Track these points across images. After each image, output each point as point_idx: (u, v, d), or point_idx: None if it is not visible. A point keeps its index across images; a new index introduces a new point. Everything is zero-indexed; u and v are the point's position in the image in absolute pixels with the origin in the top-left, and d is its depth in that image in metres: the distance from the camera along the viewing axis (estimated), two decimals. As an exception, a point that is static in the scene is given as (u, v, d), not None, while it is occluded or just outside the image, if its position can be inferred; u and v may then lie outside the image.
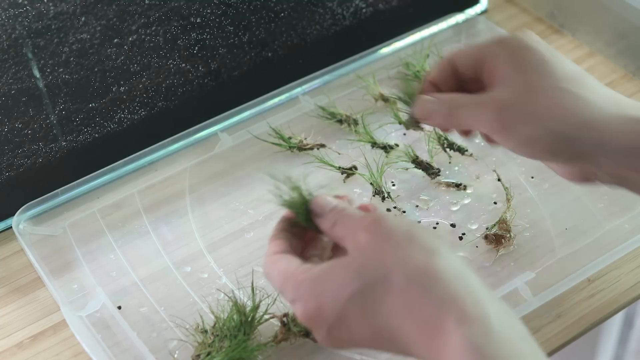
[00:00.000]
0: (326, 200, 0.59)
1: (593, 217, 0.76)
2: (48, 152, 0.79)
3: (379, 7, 0.92)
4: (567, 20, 0.96)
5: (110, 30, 0.77)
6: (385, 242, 0.53)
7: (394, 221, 0.55)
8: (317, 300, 0.54)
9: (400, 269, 0.52)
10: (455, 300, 0.50)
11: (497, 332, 0.49)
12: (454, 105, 0.63)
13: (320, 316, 0.54)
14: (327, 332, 0.55)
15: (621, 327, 1.15)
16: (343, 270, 0.54)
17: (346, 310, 0.53)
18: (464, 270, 0.52)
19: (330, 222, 0.58)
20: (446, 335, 0.49)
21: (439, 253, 0.52)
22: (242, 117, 0.86)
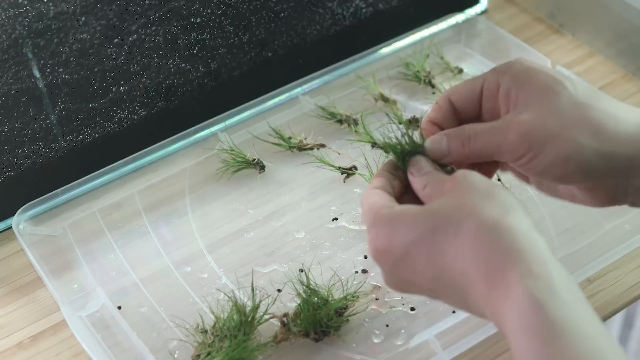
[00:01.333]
0: (422, 164, 0.60)
1: (593, 217, 0.76)
2: (48, 152, 0.79)
3: (379, 7, 0.92)
4: (567, 20, 0.96)
5: (110, 30, 0.77)
6: (465, 192, 0.55)
7: (479, 177, 0.56)
8: (388, 234, 0.55)
9: (475, 216, 0.53)
10: (522, 254, 0.51)
11: (558, 290, 0.50)
12: (470, 136, 0.61)
13: (388, 249, 0.55)
14: (391, 267, 0.56)
15: (621, 327, 1.15)
16: (420, 210, 0.55)
17: (414, 246, 0.54)
18: (534, 231, 0.53)
19: (422, 184, 0.59)
20: (509, 285, 0.50)
21: (514, 211, 0.53)
22: (242, 117, 0.86)
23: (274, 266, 0.74)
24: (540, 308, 0.49)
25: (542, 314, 0.49)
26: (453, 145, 0.61)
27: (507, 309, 0.50)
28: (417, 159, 0.61)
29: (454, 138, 0.61)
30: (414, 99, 0.88)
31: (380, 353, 0.67)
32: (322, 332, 0.67)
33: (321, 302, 0.68)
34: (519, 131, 0.58)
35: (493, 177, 0.79)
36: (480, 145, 0.60)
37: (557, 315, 0.49)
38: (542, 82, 0.60)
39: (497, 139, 0.59)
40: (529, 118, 0.59)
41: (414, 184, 0.60)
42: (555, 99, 0.59)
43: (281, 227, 0.77)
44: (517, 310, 0.49)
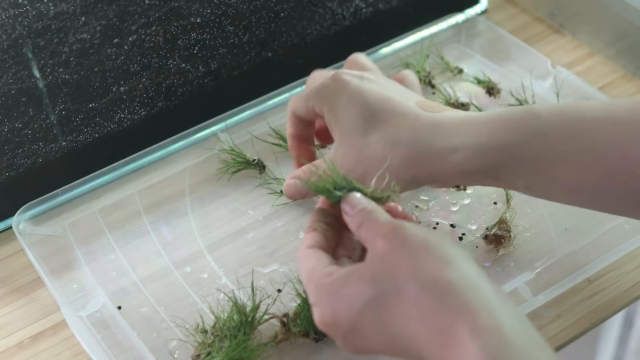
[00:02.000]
0: (356, 200, 0.59)
1: (593, 217, 0.76)
2: (48, 152, 0.79)
3: (379, 7, 0.92)
4: (567, 20, 0.96)
5: (110, 30, 0.77)
6: (400, 251, 0.53)
7: (412, 230, 0.55)
8: (332, 307, 0.54)
9: (414, 278, 0.52)
10: (469, 310, 0.50)
11: (512, 342, 0.49)
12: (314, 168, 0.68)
13: (335, 323, 0.55)
14: (343, 338, 0.55)
15: (621, 327, 1.15)
16: (358, 279, 0.54)
17: (360, 318, 0.53)
18: (479, 280, 0.52)
19: (357, 223, 0.58)
20: (461, 345, 0.49)
21: (454, 264, 0.52)
22: (242, 117, 0.86)
23: (274, 266, 0.74)
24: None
25: None
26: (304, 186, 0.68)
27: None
28: (349, 196, 0.60)
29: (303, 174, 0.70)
30: (414, 99, 0.88)
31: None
32: (322, 332, 0.67)
33: (321, 302, 0.68)
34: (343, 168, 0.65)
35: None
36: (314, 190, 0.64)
37: None
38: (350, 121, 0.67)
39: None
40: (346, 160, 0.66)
41: (350, 224, 0.59)
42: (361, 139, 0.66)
43: (281, 227, 0.77)
44: None
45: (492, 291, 0.52)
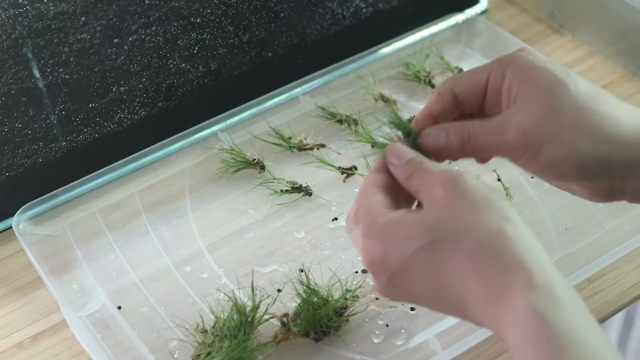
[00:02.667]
0: (403, 150, 0.58)
1: (593, 217, 0.76)
2: (48, 152, 0.79)
3: (379, 7, 0.92)
4: (567, 20, 0.96)
5: (110, 30, 0.77)
6: (461, 202, 0.53)
7: (472, 182, 0.54)
8: (385, 246, 0.54)
9: (473, 230, 0.52)
10: (524, 266, 0.50)
11: (562, 302, 0.49)
12: (468, 135, 0.59)
13: (383, 262, 0.54)
14: (387, 279, 0.55)
15: (621, 327, 1.15)
16: (416, 223, 0.54)
17: (412, 261, 0.53)
18: (534, 241, 0.53)
19: (406, 174, 0.57)
20: (511, 300, 0.50)
21: (513, 221, 0.53)
22: (242, 117, 0.86)
23: (274, 266, 0.74)
24: (544, 321, 0.48)
25: (546, 327, 0.48)
26: (453, 142, 0.60)
27: (510, 322, 0.49)
28: (394, 146, 0.59)
29: (455, 135, 0.60)
30: (414, 99, 0.88)
31: (380, 353, 0.67)
32: (322, 332, 0.67)
33: (321, 302, 0.68)
34: (517, 133, 0.58)
35: (493, 177, 0.79)
36: (480, 145, 0.59)
37: (561, 329, 0.48)
38: (544, 81, 0.59)
39: (496, 139, 0.59)
40: (528, 119, 0.58)
41: (396, 174, 0.58)
42: (555, 100, 0.58)
43: (281, 227, 0.77)
44: (520, 324, 0.49)
45: (544, 252, 0.52)
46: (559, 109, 0.58)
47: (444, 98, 0.62)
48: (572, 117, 0.58)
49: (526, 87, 0.59)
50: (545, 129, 0.58)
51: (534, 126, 0.58)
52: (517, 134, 0.58)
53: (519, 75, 0.60)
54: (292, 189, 0.80)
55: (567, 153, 0.57)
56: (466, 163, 0.81)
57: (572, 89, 0.59)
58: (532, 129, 0.58)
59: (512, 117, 0.59)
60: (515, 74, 0.60)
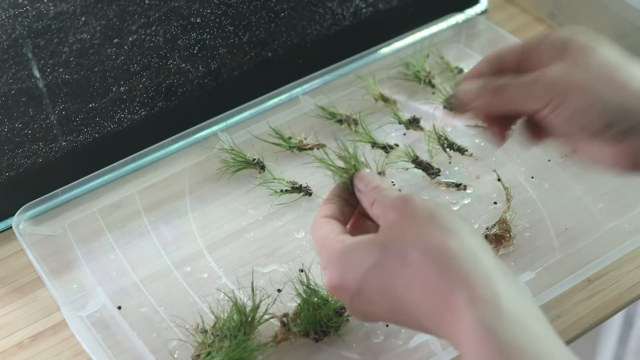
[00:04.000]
0: (369, 178, 0.61)
1: (593, 217, 0.76)
2: (48, 152, 0.79)
3: (379, 7, 0.92)
4: (567, 20, 0.96)
5: (110, 30, 0.77)
6: (408, 220, 0.55)
7: (421, 202, 0.56)
8: (342, 270, 0.56)
9: (417, 244, 0.54)
10: (467, 278, 0.51)
11: (507, 313, 0.50)
12: (501, 84, 0.63)
13: (342, 286, 0.56)
14: (350, 301, 0.57)
15: (621, 327, 1.15)
16: (369, 244, 0.56)
17: (365, 281, 0.55)
18: (480, 252, 0.53)
19: (370, 200, 0.60)
20: (457, 312, 0.50)
21: (457, 234, 0.54)
22: (242, 117, 0.86)
23: (274, 266, 0.74)
24: (489, 333, 0.49)
25: (492, 339, 0.49)
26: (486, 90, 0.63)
27: (459, 335, 0.50)
28: (363, 174, 0.62)
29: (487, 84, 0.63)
30: (414, 99, 0.88)
31: (380, 353, 0.67)
32: (322, 332, 0.67)
33: (321, 302, 0.68)
34: (545, 81, 0.61)
35: (493, 177, 0.79)
36: (509, 95, 0.62)
37: (506, 339, 0.48)
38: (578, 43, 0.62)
39: (525, 88, 0.62)
40: (557, 70, 0.61)
41: (362, 201, 0.61)
42: (585, 55, 0.61)
43: (281, 227, 0.77)
44: (469, 337, 0.50)
45: (493, 263, 0.53)
46: (587, 63, 0.61)
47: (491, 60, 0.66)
48: (601, 70, 0.60)
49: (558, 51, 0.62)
50: (572, 78, 0.60)
51: (561, 75, 0.61)
52: (545, 82, 0.61)
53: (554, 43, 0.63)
54: (292, 189, 0.80)
55: (591, 100, 0.59)
56: (467, 162, 0.81)
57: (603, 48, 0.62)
58: (559, 77, 0.61)
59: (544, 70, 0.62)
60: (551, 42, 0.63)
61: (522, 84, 0.62)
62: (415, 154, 0.81)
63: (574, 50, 0.62)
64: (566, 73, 0.61)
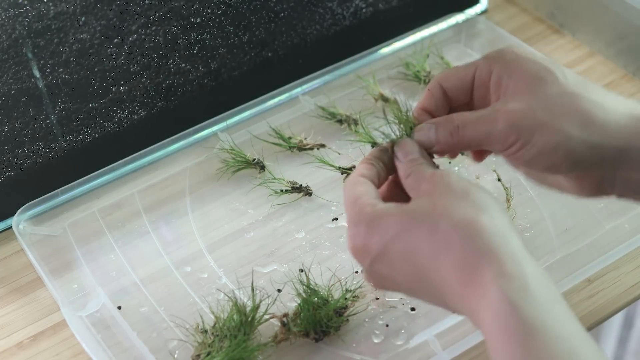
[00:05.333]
0: (409, 148, 0.60)
1: (593, 217, 0.76)
2: (48, 152, 0.79)
3: (379, 7, 0.92)
4: (567, 20, 0.96)
5: (110, 30, 0.77)
6: (441, 193, 0.55)
7: (455, 177, 0.56)
8: (367, 232, 0.56)
9: (448, 216, 0.53)
10: (496, 254, 0.51)
11: (533, 291, 0.50)
12: (458, 125, 0.60)
13: (365, 247, 0.56)
14: (370, 264, 0.56)
15: (621, 327, 1.15)
16: (398, 212, 0.55)
17: (390, 245, 0.55)
18: (508, 231, 0.53)
19: (407, 172, 0.59)
20: (483, 286, 0.51)
21: (488, 211, 0.54)
22: (242, 117, 0.86)
23: (274, 266, 0.74)
24: (515, 309, 0.49)
25: (517, 315, 0.49)
26: (441, 135, 0.60)
27: (483, 309, 0.51)
28: (404, 142, 0.61)
29: (443, 127, 0.61)
30: (414, 99, 0.88)
31: (380, 353, 0.67)
32: (322, 332, 0.67)
33: (321, 302, 0.68)
34: (507, 120, 0.58)
35: (493, 177, 0.79)
36: (469, 135, 0.60)
37: (531, 316, 0.49)
38: (533, 71, 0.60)
39: (486, 128, 0.59)
40: (518, 107, 0.58)
41: (399, 170, 0.60)
42: (544, 87, 0.59)
43: (281, 227, 0.77)
44: (492, 311, 0.50)
45: (519, 242, 0.53)
46: (548, 96, 0.58)
47: (434, 93, 0.63)
48: (562, 103, 0.58)
49: (515, 78, 0.60)
50: (535, 116, 0.58)
51: (524, 113, 0.58)
52: (507, 121, 0.58)
53: (508, 68, 0.60)
54: (292, 189, 0.80)
55: (558, 139, 0.57)
56: (467, 162, 0.81)
57: (560, 77, 0.59)
58: (522, 116, 0.58)
59: (502, 107, 0.59)
60: (503, 67, 0.60)
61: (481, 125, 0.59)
62: (415, 154, 0.81)
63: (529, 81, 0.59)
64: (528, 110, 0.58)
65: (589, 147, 0.58)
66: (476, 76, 0.62)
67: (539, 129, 0.57)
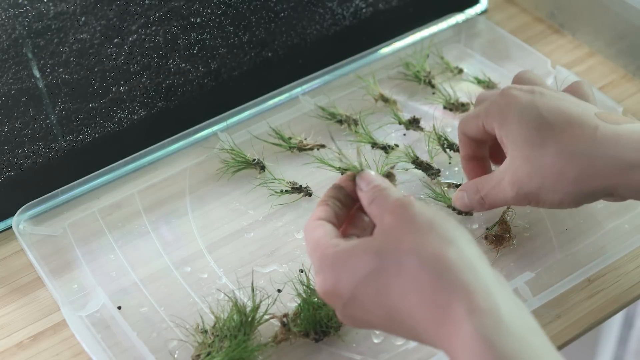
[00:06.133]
0: (372, 177, 0.61)
1: (593, 217, 0.76)
2: (48, 152, 0.79)
3: (379, 7, 0.92)
4: (567, 20, 0.96)
5: (110, 30, 0.77)
6: (406, 227, 0.55)
7: (419, 208, 0.56)
8: (335, 276, 0.55)
9: (415, 253, 0.53)
10: (466, 289, 0.51)
11: (507, 325, 0.49)
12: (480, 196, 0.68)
13: (335, 292, 0.55)
14: (342, 308, 0.56)
15: (621, 327, 1.15)
16: (363, 250, 0.55)
17: (360, 288, 0.54)
18: (478, 262, 0.53)
19: (369, 199, 0.59)
20: (456, 323, 0.50)
21: (455, 244, 0.53)
22: (242, 117, 0.86)
23: (274, 266, 0.74)
24: (489, 345, 0.48)
25: (491, 351, 0.48)
26: (471, 201, 0.69)
27: (458, 347, 0.50)
28: (366, 173, 0.61)
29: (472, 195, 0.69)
30: (414, 99, 0.88)
31: (380, 353, 0.67)
32: (322, 332, 0.67)
33: (321, 302, 0.68)
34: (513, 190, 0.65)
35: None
36: (491, 201, 0.68)
37: (507, 351, 0.48)
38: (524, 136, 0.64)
39: (502, 197, 0.67)
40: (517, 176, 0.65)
41: (362, 199, 0.60)
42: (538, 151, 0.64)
43: (281, 227, 0.77)
44: (467, 349, 0.49)
45: (490, 274, 0.53)
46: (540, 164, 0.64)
47: (463, 140, 0.71)
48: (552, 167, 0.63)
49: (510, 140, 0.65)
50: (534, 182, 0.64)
51: (523, 183, 0.64)
52: (514, 191, 0.65)
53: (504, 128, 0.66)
54: (292, 189, 0.80)
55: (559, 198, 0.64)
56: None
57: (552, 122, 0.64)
58: (522, 185, 0.64)
59: (505, 175, 0.66)
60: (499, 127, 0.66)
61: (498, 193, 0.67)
62: (415, 154, 0.81)
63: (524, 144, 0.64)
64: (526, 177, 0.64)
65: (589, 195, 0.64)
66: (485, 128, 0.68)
67: (542, 193, 0.64)
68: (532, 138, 0.63)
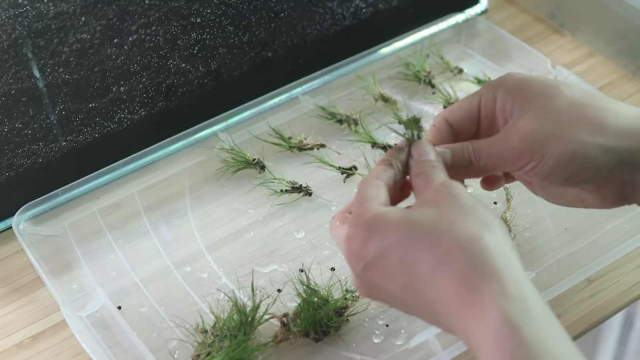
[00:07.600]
0: (425, 149, 0.60)
1: (593, 217, 0.76)
2: (48, 152, 0.79)
3: (379, 7, 0.92)
4: (567, 20, 0.96)
5: (110, 30, 0.77)
6: (449, 205, 0.55)
7: (465, 192, 0.56)
8: (366, 235, 0.55)
9: (453, 230, 0.53)
10: (498, 274, 0.51)
11: (534, 313, 0.50)
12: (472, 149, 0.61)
13: (362, 251, 0.55)
14: (362, 269, 0.55)
15: (621, 327, 1.15)
16: (401, 218, 0.55)
17: (389, 251, 0.54)
18: (512, 255, 0.53)
19: (418, 171, 0.59)
20: (482, 304, 0.50)
21: (493, 230, 0.53)
22: (242, 117, 0.86)
23: (274, 266, 0.74)
24: (516, 330, 0.49)
25: (518, 336, 0.48)
26: (456, 159, 0.61)
27: (481, 328, 0.50)
28: (422, 143, 0.60)
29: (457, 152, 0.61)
30: (414, 99, 0.88)
31: (380, 353, 0.67)
32: (322, 332, 0.67)
33: (321, 302, 0.68)
34: (519, 137, 0.59)
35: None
36: (484, 157, 0.61)
37: (532, 338, 0.48)
38: (537, 89, 0.60)
39: (499, 149, 0.60)
40: (527, 123, 0.59)
41: (411, 168, 0.60)
42: (551, 101, 0.59)
43: (281, 226, 0.77)
44: (491, 331, 0.49)
45: (520, 265, 0.53)
46: (555, 109, 0.59)
47: (440, 129, 0.64)
48: (571, 113, 0.59)
49: (521, 98, 0.60)
50: (546, 129, 0.58)
51: (535, 128, 0.59)
52: (520, 138, 0.59)
53: (512, 90, 0.61)
54: (292, 189, 0.80)
55: (572, 147, 0.58)
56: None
57: (565, 90, 0.60)
58: (532, 131, 0.59)
59: (512, 126, 0.60)
60: (507, 90, 0.61)
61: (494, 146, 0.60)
62: (415, 154, 0.81)
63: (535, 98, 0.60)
64: (537, 124, 0.59)
65: (605, 151, 0.58)
66: (482, 105, 0.63)
67: (552, 140, 0.58)
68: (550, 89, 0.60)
